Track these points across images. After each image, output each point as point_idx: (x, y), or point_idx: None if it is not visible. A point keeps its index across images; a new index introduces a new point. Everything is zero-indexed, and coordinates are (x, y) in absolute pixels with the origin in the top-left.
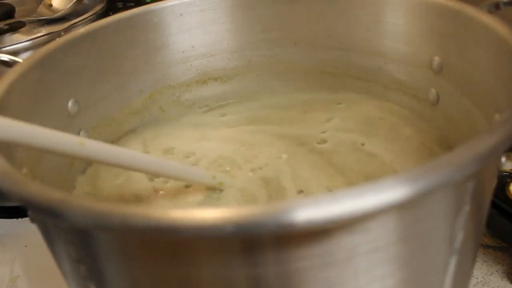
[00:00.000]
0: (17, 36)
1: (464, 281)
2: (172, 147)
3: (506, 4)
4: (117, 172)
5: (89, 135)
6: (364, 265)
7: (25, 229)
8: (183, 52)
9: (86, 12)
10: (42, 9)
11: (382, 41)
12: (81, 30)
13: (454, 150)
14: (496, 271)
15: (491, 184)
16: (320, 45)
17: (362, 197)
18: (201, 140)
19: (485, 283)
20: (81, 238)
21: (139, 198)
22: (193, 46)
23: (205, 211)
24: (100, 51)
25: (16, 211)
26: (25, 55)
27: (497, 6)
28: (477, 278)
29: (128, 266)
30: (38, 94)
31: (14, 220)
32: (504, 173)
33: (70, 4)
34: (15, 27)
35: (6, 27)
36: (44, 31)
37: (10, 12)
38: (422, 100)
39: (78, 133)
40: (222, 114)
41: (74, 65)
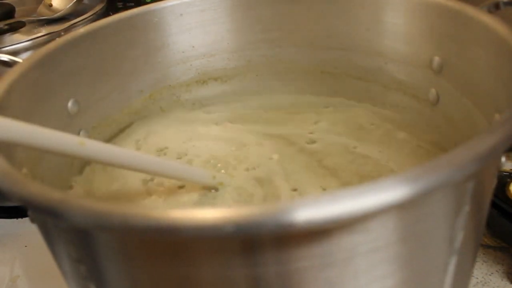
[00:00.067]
0: (17, 36)
1: (464, 281)
2: (166, 147)
3: (506, 4)
4: (112, 177)
5: (89, 135)
6: (364, 265)
7: (25, 229)
8: (183, 52)
9: (86, 12)
10: (42, 9)
11: (382, 41)
12: (81, 30)
13: (454, 150)
14: (496, 271)
15: (491, 184)
16: (320, 45)
17: (362, 197)
18: (193, 139)
19: (485, 283)
20: (81, 238)
21: (134, 201)
22: (193, 46)
23: (205, 211)
24: (100, 51)
25: (16, 211)
26: (25, 55)
27: (497, 6)
28: (477, 278)
29: (128, 266)
30: (38, 94)
31: (14, 220)
32: (504, 173)
33: (70, 4)
34: (15, 27)
35: (6, 27)
36: (44, 31)
37: (10, 12)
38: (422, 100)
39: (78, 133)
40: (208, 112)
41: (74, 65)
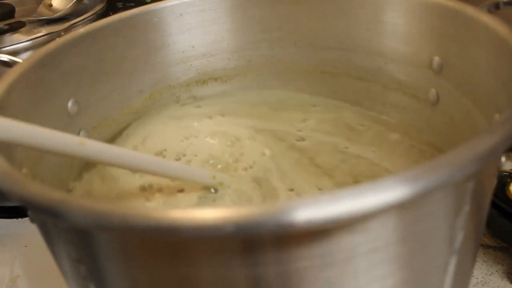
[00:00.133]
0: (17, 36)
1: (464, 281)
2: (164, 149)
3: (506, 4)
4: (111, 188)
5: (89, 135)
6: (364, 265)
7: (25, 229)
8: (183, 52)
9: (86, 12)
10: (42, 9)
11: (382, 41)
12: (81, 30)
13: (454, 150)
14: (496, 271)
15: (491, 184)
16: (320, 45)
17: (362, 197)
18: (189, 137)
19: (485, 283)
20: (81, 238)
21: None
22: (193, 46)
23: (205, 211)
24: (100, 51)
25: (16, 211)
26: (25, 55)
27: (497, 6)
28: (477, 278)
29: (128, 266)
30: (38, 94)
31: (14, 220)
32: (504, 173)
33: (70, 4)
34: (15, 27)
35: (6, 27)
36: (44, 31)
37: (10, 12)
38: (422, 100)
39: (78, 133)
40: (198, 106)
41: (74, 65)
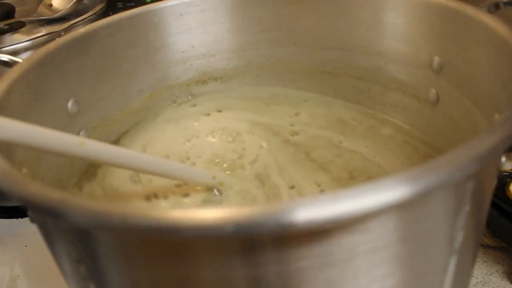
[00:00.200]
0: (17, 36)
1: (464, 281)
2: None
3: (506, 4)
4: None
5: (89, 135)
6: (364, 265)
7: (25, 229)
8: (183, 52)
9: (86, 12)
10: (42, 9)
11: (382, 41)
12: (81, 30)
13: (454, 150)
14: (496, 271)
15: (491, 184)
16: (320, 45)
17: (362, 197)
18: (191, 139)
19: (485, 283)
20: (81, 238)
21: None
22: (193, 46)
23: (205, 211)
24: (100, 51)
25: (16, 211)
26: (25, 55)
27: (497, 6)
28: (477, 278)
29: (128, 266)
30: (38, 94)
31: (14, 220)
32: (504, 173)
33: (70, 4)
34: (15, 27)
35: (6, 27)
36: (44, 31)
37: (10, 12)
38: (422, 100)
39: (78, 133)
40: (194, 105)
41: (74, 65)
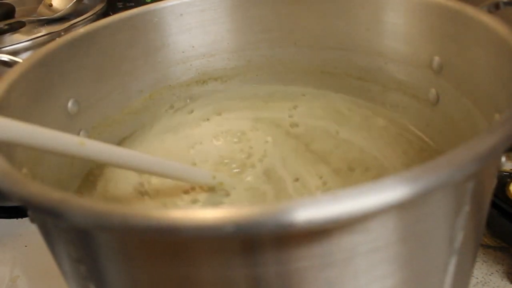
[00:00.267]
0: (17, 36)
1: (464, 281)
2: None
3: (506, 4)
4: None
5: (89, 135)
6: (364, 265)
7: (25, 229)
8: (183, 52)
9: (86, 12)
10: (42, 9)
11: (382, 41)
12: (81, 30)
13: (454, 150)
14: (496, 271)
15: (491, 184)
16: (320, 45)
17: (362, 197)
18: (194, 144)
19: (485, 283)
20: (81, 238)
21: None
22: (193, 46)
23: (205, 211)
24: (100, 51)
25: (16, 211)
26: (25, 55)
27: (497, 6)
28: (477, 278)
29: (128, 266)
30: (38, 94)
31: (14, 220)
32: (504, 173)
33: (70, 4)
34: (15, 27)
35: (6, 27)
36: (44, 31)
37: (10, 12)
38: (422, 100)
39: (78, 133)
40: (191, 111)
41: (74, 65)
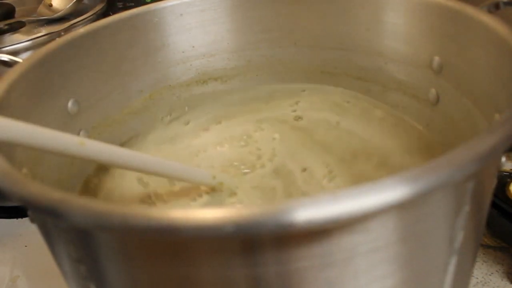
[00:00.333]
0: (17, 36)
1: (464, 281)
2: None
3: (506, 4)
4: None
5: (89, 135)
6: (364, 265)
7: (25, 229)
8: (183, 52)
9: (86, 12)
10: (42, 9)
11: (382, 41)
12: (81, 30)
13: (454, 150)
14: (496, 271)
15: (491, 184)
16: (320, 45)
17: (362, 197)
18: (198, 154)
19: (485, 283)
20: (81, 238)
21: None
22: (193, 46)
23: (205, 211)
24: (100, 51)
25: (16, 211)
26: (25, 55)
27: (497, 6)
28: (477, 278)
29: (128, 266)
30: (38, 94)
31: (14, 220)
32: (504, 173)
33: (70, 4)
34: (15, 27)
35: (6, 27)
36: (44, 31)
37: (10, 12)
38: (422, 100)
39: (78, 133)
40: (187, 123)
41: (74, 65)
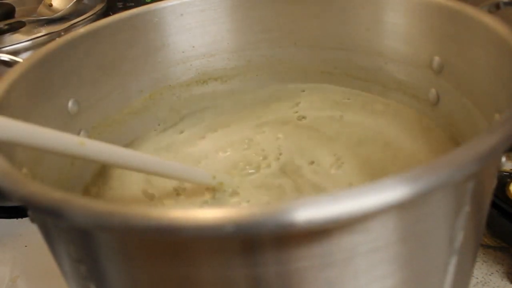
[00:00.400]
0: (17, 36)
1: (464, 281)
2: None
3: (506, 4)
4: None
5: (89, 135)
6: (364, 265)
7: (25, 229)
8: (183, 52)
9: (86, 12)
10: (42, 9)
11: (382, 41)
12: (81, 30)
13: (454, 150)
14: (496, 271)
15: (491, 184)
16: (320, 45)
17: (362, 197)
18: (199, 162)
19: (485, 283)
20: (81, 238)
21: None
22: (193, 46)
23: (205, 211)
24: (100, 51)
25: (16, 211)
26: (25, 55)
27: (497, 6)
28: (477, 278)
29: (128, 266)
30: (38, 94)
31: (14, 220)
32: (504, 173)
33: (70, 4)
34: (15, 27)
35: (6, 27)
36: (44, 31)
37: (10, 12)
38: (422, 100)
39: (78, 133)
40: (181, 131)
41: (74, 65)
